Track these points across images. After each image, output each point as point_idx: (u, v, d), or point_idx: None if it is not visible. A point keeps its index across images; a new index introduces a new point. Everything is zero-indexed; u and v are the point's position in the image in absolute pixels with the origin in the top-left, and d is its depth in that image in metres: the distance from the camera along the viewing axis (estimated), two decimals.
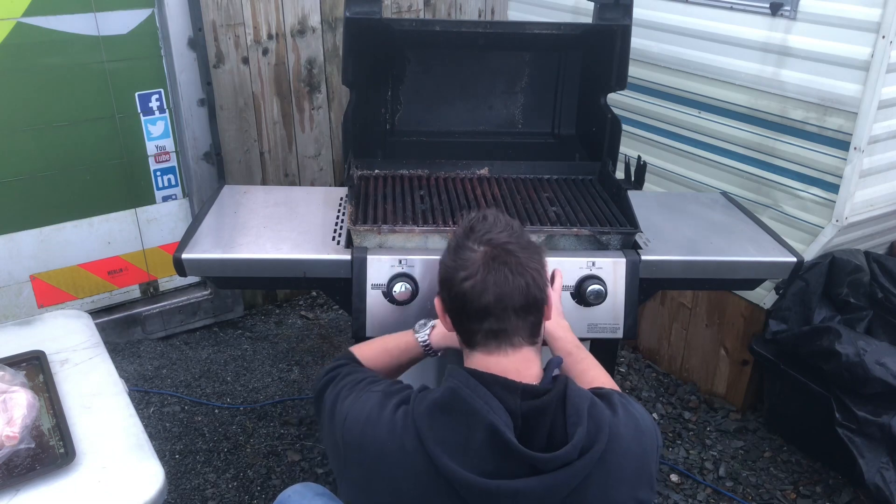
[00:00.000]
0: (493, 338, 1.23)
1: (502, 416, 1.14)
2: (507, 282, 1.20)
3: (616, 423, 1.24)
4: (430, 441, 1.17)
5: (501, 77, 2.45)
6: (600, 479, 1.19)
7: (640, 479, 1.25)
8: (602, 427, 1.21)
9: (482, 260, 1.21)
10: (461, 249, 1.25)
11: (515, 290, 1.20)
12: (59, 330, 1.89)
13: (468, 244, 1.24)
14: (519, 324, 1.23)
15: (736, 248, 1.99)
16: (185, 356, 3.27)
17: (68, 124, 2.90)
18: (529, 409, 1.17)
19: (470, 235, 1.25)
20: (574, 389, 1.23)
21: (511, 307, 1.21)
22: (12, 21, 2.68)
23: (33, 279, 3.03)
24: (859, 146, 2.33)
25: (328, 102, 3.49)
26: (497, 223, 1.28)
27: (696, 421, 2.96)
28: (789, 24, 2.45)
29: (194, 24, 2.97)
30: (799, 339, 2.54)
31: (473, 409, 1.15)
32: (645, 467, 1.27)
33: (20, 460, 1.46)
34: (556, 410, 1.18)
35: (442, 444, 1.16)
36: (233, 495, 2.54)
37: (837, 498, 2.57)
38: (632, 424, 1.27)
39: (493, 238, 1.23)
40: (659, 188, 3.03)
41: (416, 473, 1.19)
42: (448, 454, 1.15)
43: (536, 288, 1.23)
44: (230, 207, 2.09)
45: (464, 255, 1.23)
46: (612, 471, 1.21)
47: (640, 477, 1.25)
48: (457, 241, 1.28)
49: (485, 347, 1.25)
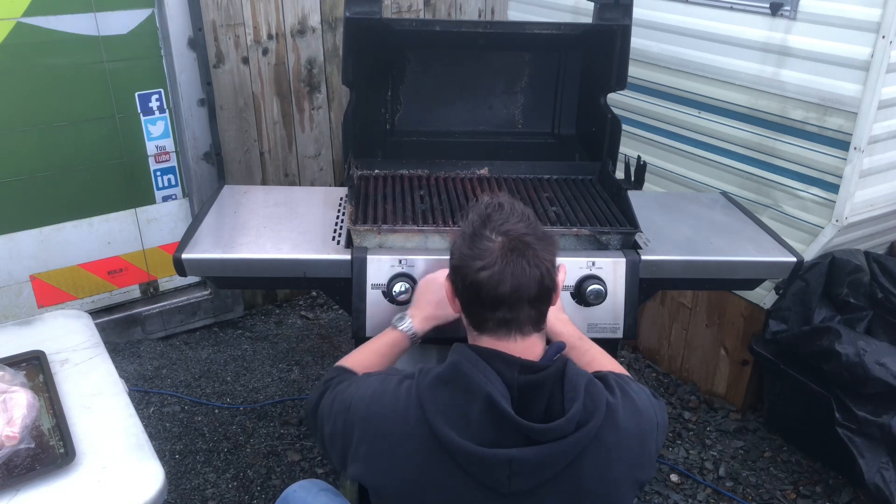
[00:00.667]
0: (504, 326, 1.25)
1: (499, 388, 1.17)
2: (524, 273, 1.21)
3: (614, 402, 1.26)
4: (431, 412, 1.20)
5: (501, 77, 2.45)
6: (597, 457, 1.21)
7: (639, 458, 1.27)
8: (599, 404, 1.22)
9: (500, 251, 1.22)
10: (478, 238, 1.25)
11: (532, 281, 1.22)
12: (59, 330, 1.89)
13: (485, 233, 1.25)
14: (531, 313, 1.25)
15: (736, 248, 1.99)
16: (185, 356, 3.27)
17: (68, 124, 2.90)
18: (527, 382, 1.20)
19: (487, 224, 1.26)
20: (573, 367, 1.25)
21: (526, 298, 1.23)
22: (12, 21, 2.68)
23: (33, 279, 3.03)
24: (859, 146, 2.33)
25: (328, 102, 3.49)
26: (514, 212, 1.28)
27: (696, 421, 2.96)
28: (789, 24, 2.45)
29: (194, 24, 2.97)
30: (799, 339, 2.54)
31: (472, 381, 1.18)
32: (643, 447, 1.28)
33: (20, 460, 1.46)
34: (554, 386, 1.21)
35: (443, 414, 1.20)
36: (233, 495, 2.54)
37: (837, 498, 2.57)
38: (629, 405, 1.29)
39: (511, 229, 1.24)
40: (659, 188, 3.03)
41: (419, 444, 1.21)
42: (448, 424, 1.18)
43: (549, 279, 1.25)
44: (230, 207, 2.09)
45: (481, 245, 1.24)
46: (610, 449, 1.23)
47: (640, 457, 1.27)
48: (473, 229, 1.27)
49: (494, 334, 1.27)
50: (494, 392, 1.16)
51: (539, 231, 1.28)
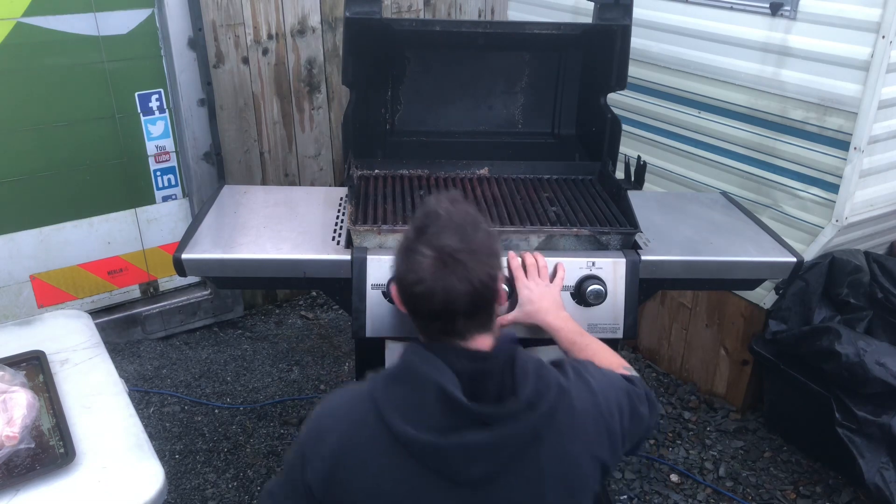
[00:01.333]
0: (446, 334, 1.25)
1: (449, 377, 1.18)
2: (454, 289, 1.20)
3: (566, 384, 1.27)
4: (386, 409, 1.21)
5: (501, 77, 2.44)
6: (553, 438, 1.22)
7: (598, 437, 1.27)
8: (550, 385, 1.23)
9: (431, 267, 1.21)
10: (411, 253, 1.24)
11: (462, 296, 1.21)
12: (59, 330, 1.89)
13: (419, 248, 1.24)
14: (468, 324, 1.25)
15: (736, 248, 1.98)
16: (185, 356, 3.27)
17: (68, 124, 2.90)
18: (476, 369, 1.21)
19: (420, 237, 1.25)
20: (524, 353, 1.26)
21: (460, 312, 1.23)
22: (12, 21, 2.68)
23: (33, 279, 3.03)
24: (859, 146, 2.33)
25: (328, 102, 3.49)
26: (449, 224, 1.25)
27: (696, 421, 2.96)
28: (789, 24, 2.45)
29: (194, 24, 2.97)
30: (799, 339, 2.54)
31: (423, 373, 1.19)
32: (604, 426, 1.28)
33: (20, 460, 1.46)
34: (505, 372, 1.22)
35: (397, 409, 1.20)
36: (233, 495, 2.54)
37: (837, 498, 2.57)
38: (583, 386, 1.30)
39: (444, 245, 1.22)
40: (659, 188, 3.03)
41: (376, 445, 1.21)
42: (403, 418, 1.19)
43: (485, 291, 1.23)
44: (230, 207, 2.09)
45: (414, 260, 1.23)
46: (565, 430, 1.23)
47: (599, 436, 1.27)
48: (408, 243, 1.27)
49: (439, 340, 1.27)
50: (444, 380, 1.17)
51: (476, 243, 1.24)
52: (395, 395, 1.22)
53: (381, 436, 1.21)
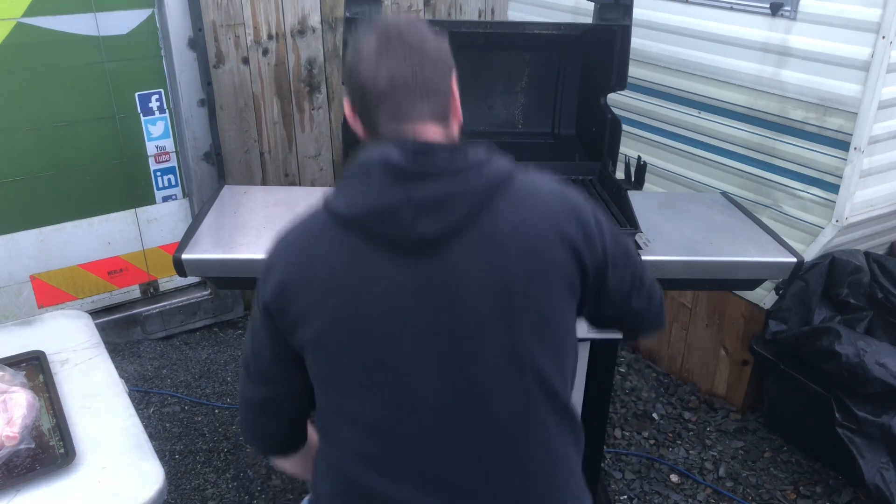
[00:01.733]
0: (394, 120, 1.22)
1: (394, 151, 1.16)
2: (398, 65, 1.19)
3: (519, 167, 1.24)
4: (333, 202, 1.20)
5: (501, 77, 2.44)
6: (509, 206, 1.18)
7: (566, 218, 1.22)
8: (504, 157, 1.21)
9: (375, 47, 1.21)
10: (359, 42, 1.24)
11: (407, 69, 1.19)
12: (59, 330, 1.89)
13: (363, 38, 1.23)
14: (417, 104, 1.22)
15: (736, 249, 1.98)
16: (185, 356, 3.27)
17: (68, 124, 2.90)
18: (420, 146, 1.18)
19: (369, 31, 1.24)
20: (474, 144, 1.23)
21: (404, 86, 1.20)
22: (12, 21, 2.68)
23: (33, 279, 3.03)
24: (859, 146, 2.33)
25: (328, 102, 3.49)
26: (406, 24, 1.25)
27: (696, 421, 2.96)
28: (789, 25, 2.45)
29: (194, 24, 2.97)
30: (799, 339, 2.54)
31: (367, 156, 1.18)
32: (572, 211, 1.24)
33: (20, 460, 1.46)
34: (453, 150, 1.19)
35: (343, 197, 1.19)
36: (233, 495, 2.54)
37: (837, 498, 2.57)
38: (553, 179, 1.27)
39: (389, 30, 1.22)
40: (659, 188, 3.03)
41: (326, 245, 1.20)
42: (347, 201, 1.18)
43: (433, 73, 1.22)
44: (230, 207, 2.09)
45: (360, 45, 1.23)
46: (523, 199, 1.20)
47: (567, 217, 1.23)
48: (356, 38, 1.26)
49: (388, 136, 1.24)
50: (388, 153, 1.15)
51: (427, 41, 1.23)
52: (344, 189, 1.20)
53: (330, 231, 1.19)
